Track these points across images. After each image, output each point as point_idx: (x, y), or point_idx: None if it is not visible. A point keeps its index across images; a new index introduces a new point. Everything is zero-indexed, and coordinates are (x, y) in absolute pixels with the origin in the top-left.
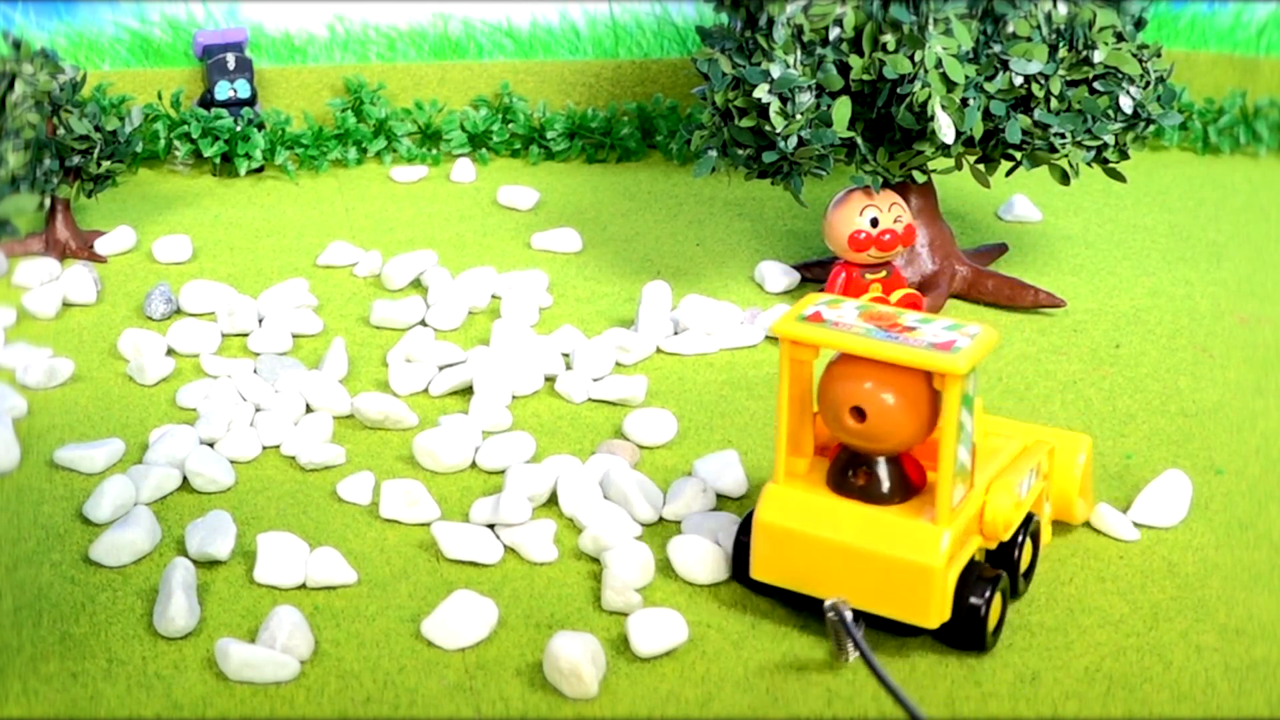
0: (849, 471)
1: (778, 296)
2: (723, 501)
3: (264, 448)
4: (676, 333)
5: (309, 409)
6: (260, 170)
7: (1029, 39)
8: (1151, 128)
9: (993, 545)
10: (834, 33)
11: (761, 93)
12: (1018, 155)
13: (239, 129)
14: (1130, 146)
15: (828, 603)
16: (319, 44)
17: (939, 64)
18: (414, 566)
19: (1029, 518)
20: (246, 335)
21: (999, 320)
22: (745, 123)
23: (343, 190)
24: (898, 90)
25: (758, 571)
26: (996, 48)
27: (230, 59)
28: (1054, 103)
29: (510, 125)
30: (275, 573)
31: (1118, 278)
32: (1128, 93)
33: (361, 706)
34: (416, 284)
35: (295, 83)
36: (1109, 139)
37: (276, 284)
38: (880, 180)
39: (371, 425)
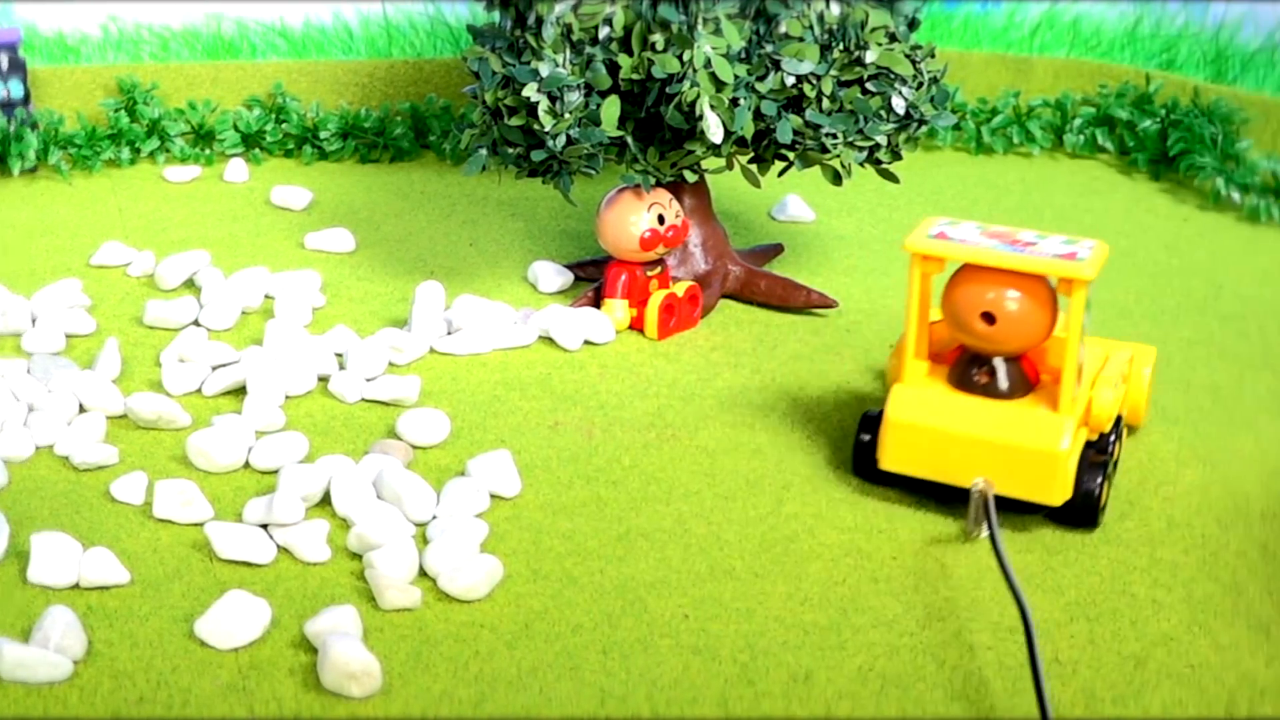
0: (972, 371)
1: (551, 296)
2: (495, 501)
3: (37, 448)
4: (450, 333)
5: (82, 409)
6: (34, 170)
7: (801, 39)
8: (924, 128)
9: (1094, 436)
10: (603, 32)
11: (530, 91)
12: (790, 155)
13: (12, 129)
14: (903, 147)
15: (977, 483)
16: (92, 44)
17: (708, 64)
18: (187, 566)
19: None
20: (19, 335)
21: (771, 321)
22: (515, 121)
23: (116, 190)
24: (667, 90)
25: (887, 463)
26: (768, 48)
27: (3, 59)
28: (826, 103)
29: (283, 125)
30: (48, 573)
31: (890, 278)
32: (900, 93)
33: (135, 706)
34: (190, 284)
35: (69, 83)
36: (881, 139)
37: (49, 284)
38: (652, 180)
39: (145, 425)
